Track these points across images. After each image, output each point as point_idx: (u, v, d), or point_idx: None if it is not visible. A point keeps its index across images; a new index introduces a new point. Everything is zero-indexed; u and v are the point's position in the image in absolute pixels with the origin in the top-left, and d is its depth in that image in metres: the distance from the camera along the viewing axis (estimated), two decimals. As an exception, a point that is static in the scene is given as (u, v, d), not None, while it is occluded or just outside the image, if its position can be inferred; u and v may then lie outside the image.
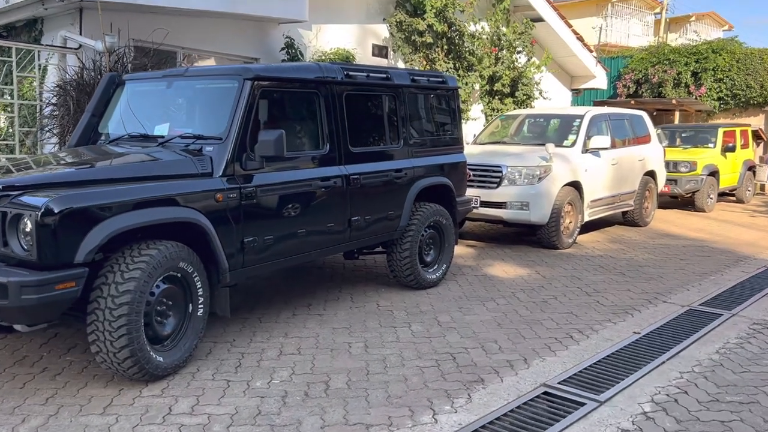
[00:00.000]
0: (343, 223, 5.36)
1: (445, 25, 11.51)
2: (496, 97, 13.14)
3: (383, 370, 4.27)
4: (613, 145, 9.62)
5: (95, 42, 6.87)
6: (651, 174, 10.68)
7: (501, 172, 8.34)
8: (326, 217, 5.19)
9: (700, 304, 5.94)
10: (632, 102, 17.17)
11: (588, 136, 9.13)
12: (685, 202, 13.40)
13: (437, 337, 4.96)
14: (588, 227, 9.92)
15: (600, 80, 16.40)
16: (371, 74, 5.77)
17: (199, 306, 4.27)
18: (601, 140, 9.11)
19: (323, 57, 9.89)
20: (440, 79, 6.65)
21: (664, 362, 4.46)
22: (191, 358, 4.29)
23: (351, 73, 5.53)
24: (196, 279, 4.21)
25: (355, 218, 5.46)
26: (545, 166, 8.27)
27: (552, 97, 14.47)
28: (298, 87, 5.09)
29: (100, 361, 3.83)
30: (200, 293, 4.25)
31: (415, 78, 6.28)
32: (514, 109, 12.82)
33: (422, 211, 6.19)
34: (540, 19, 13.77)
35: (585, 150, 9.03)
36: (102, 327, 3.70)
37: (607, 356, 4.58)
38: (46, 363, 4.32)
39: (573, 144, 9.07)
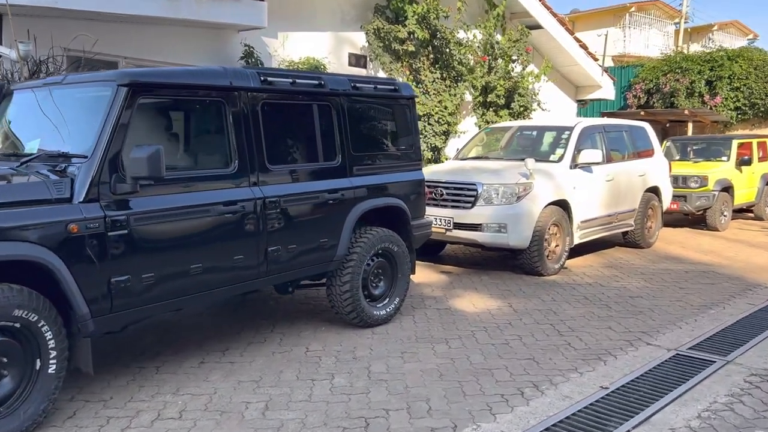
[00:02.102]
0: (257, 255, 4.53)
1: (428, 32, 10.68)
2: (491, 109, 12.26)
3: (271, 443, 3.44)
4: (609, 160, 8.72)
5: (9, 50, 6.20)
6: (654, 190, 9.71)
7: (476, 190, 7.47)
8: (232, 248, 4.37)
9: (690, 348, 5.01)
10: (642, 113, 16.20)
11: (577, 150, 8.23)
12: (696, 220, 12.37)
13: (359, 394, 4.11)
14: (584, 249, 8.99)
15: (607, 90, 15.43)
16: (298, 80, 4.96)
17: (51, 362, 3.49)
18: (593, 154, 8.20)
19: (290, 66, 9.14)
20: (392, 87, 5.84)
21: (628, 431, 3.57)
22: (39, 425, 3.50)
23: (270, 79, 4.74)
24: (44, 329, 3.44)
25: (274, 248, 4.64)
26: (525, 183, 7.39)
27: (555, 108, 13.55)
28: (195, 95, 4.31)
29: None
30: (51, 346, 3.48)
31: (358, 85, 5.47)
32: (510, 121, 11.94)
33: (367, 237, 5.37)
34: (538, 26, 12.92)
35: (574, 165, 8.12)
36: None
37: (560, 422, 3.70)
38: None
39: (560, 158, 8.18)
